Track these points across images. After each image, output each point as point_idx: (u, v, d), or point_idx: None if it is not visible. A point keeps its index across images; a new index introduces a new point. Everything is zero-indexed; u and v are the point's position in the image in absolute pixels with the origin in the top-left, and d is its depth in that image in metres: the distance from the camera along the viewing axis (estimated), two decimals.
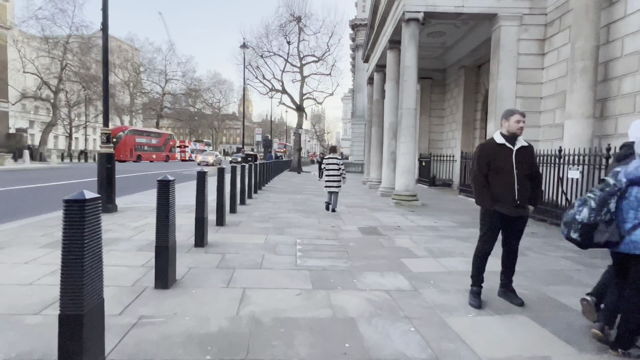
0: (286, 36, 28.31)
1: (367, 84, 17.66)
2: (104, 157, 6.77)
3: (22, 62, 34.83)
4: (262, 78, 30.64)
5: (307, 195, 11.72)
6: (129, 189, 11.41)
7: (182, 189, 11.67)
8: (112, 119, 63.13)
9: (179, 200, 9.05)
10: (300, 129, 28.53)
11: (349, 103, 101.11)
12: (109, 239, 4.97)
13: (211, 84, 67.27)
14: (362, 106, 34.62)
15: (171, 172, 21.80)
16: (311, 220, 7.10)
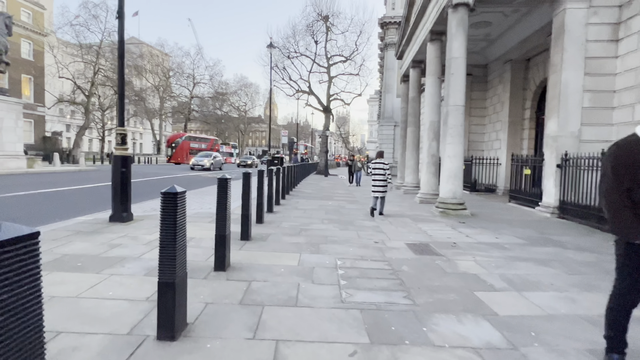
0: (313, 35, 27.53)
1: (401, 81, 16.53)
2: (119, 160, 6.08)
3: (58, 68, 35.80)
4: (288, 79, 30.02)
5: (338, 202, 10.76)
6: (155, 193, 10.85)
7: (205, 194, 10.98)
8: (143, 122, 64.77)
9: (201, 206, 8.32)
10: (327, 131, 27.63)
11: (375, 105, 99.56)
12: (116, 257, 4.19)
13: (238, 87, 67.80)
14: (390, 107, 33.38)
15: (195, 175, 21.40)
16: (349, 234, 6.13)
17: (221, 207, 3.91)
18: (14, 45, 35.78)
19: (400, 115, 31.95)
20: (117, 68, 6.15)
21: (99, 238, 5.02)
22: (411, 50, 13.87)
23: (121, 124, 6.19)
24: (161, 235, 2.40)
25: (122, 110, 6.18)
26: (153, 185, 14.00)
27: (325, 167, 26.55)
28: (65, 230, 5.36)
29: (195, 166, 29.80)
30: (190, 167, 30.11)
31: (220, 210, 3.92)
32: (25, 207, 7.94)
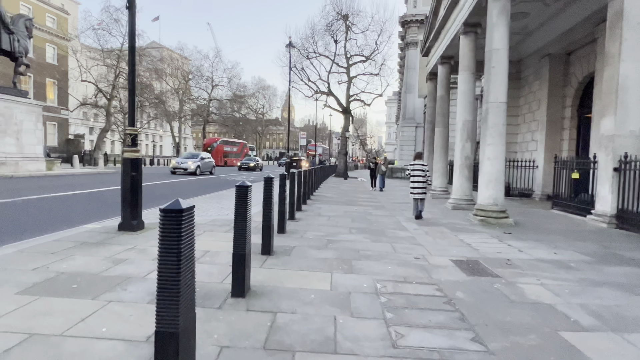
0: (333, 35, 26.91)
1: (427, 80, 15.66)
2: (128, 163, 5.54)
3: (81, 71, 36.35)
4: (307, 80, 29.52)
5: (364, 207, 10.03)
6: (172, 196, 10.39)
7: (222, 198, 10.43)
8: (163, 125, 65.58)
9: (217, 213, 7.73)
10: (347, 132, 26.92)
11: (393, 106, 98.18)
12: (118, 277, 3.60)
13: (255, 89, 67.99)
14: (412, 107, 32.38)
15: (214, 177, 21.03)
16: (383, 247, 5.39)
17: (240, 220, 3.26)
18: (39, 49, 36.61)
19: (423, 115, 31.01)
20: (128, 62, 5.62)
21: (104, 251, 4.46)
22: (440, 45, 13.02)
23: (132, 124, 5.65)
24: (159, 270, 1.75)
25: (133, 108, 5.65)
26: (171, 188, 13.61)
27: (344, 170, 25.81)
28: (69, 241, 4.83)
29: (177, 169, 22.47)
30: (171, 171, 23.32)
31: (239, 224, 3.27)
32: (36, 212, 7.54)
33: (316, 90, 30.08)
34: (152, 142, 70.86)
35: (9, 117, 14.31)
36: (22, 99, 15.13)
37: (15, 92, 14.93)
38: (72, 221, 6.55)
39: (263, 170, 38.28)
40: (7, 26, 14.26)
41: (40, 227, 6.01)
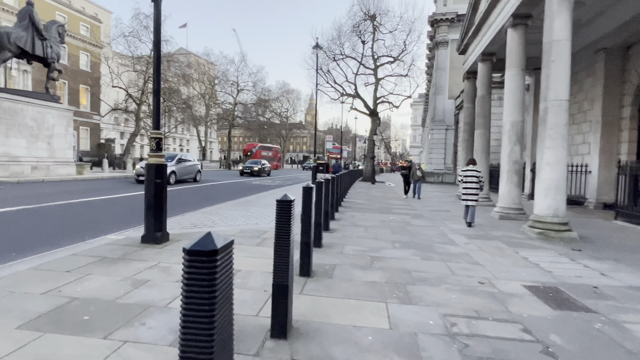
0: (360, 35, 26.24)
1: (464, 79, 14.72)
2: (153, 169, 5.07)
3: (112, 77, 37.26)
4: (333, 82, 28.94)
5: (400, 216, 9.27)
6: (198, 203, 10.00)
7: (249, 205, 9.92)
8: (190, 129, 66.78)
9: (246, 221, 7.17)
10: (374, 135, 26.12)
11: (419, 109, 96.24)
12: (137, 305, 3.07)
13: (280, 93, 68.16)
14: (441, 109, 31.20)
15: (241, 181, 20.71)
16: (437, 267, 4.67)
17: (282, 242, 2.65)
18: (73, 57, 37.85)
19: (453, 117, 29.83)
20: (153, 59, 5.17)
21: (124, 269, 3.96)
22: (481, 41, 12.11)
23: (157, 127, 5.19)
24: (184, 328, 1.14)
25: (158, 110, 5.18)
26: (197, 194, 13.28)
27: (372, 174, 25.01)
28: (87, 256, 4.38)
29: (139, 175, 15.75)
30: (136, 178, 16.58)
31: (281, 248, 2.66)
32: (61, 219, 7.24)
33: (342, 93, 29.42)
34: (179, 146, 72.30)
35: (41, 122, 14.47)
36: (54, 104, 15.30)
37: (47, 97, 15.12)
38: (95, 229, 6.18)
39: (279, 175, 37.51)
40: (41, 32, 14.45)
41: (62, 236, 5.64)
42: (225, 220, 7.35)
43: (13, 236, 5.60)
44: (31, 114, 14.02)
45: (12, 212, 7.63)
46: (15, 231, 5.93)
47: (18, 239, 5.42)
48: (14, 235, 5.63)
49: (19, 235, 5.68)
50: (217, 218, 7.59)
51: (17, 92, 14.52)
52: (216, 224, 6.90)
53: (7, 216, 7.16)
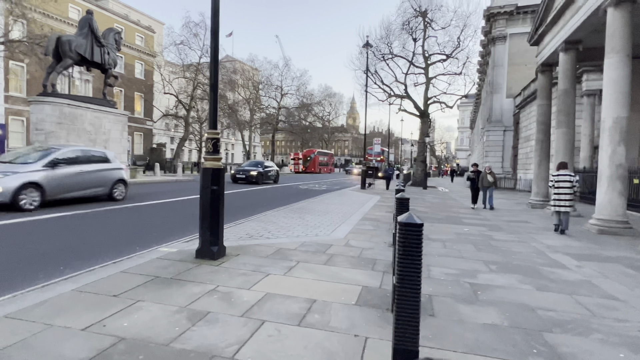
0: (412, 33, 24.98)
1: (539, 72, 13.10)
2: (209, 174, 4.44)
3: (163, 84, 38.73)
4: (381, 83, 27.86)
5: (477, 228, 8.09)
6: (251, 208, 9.45)
7: (304, 212, 9.17)
8: (235, 133, 68.35)
9: (304, 231, 6.28)
10: (427, 137, 24.68)
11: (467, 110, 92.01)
12: (195, 353, 2.34)
13: (322, 97, 68.06)
14: (499, 109, 28.98)
15: (287, 186, 20.19)
16: (564, 301, 3.58)
17: (408, 290, 1.78)
18: (129, 66, 39.79)
19: (512, 117, 27.56)
20: (210, 48, 4.56)
21: (178, 295, 3.30)
22: (563, 28, 10.58)
23: (213, 125, 4.55)
24: None
25: (215, 107, 4.55)
26: (247, 198, 12.82)
27: (423, 178, 23.56)
28: (138, 274, 3.79)
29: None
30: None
31: (407, 300, 1.78)
32: (112, 225, 6.91)
33: (390, 94, 28.26)
34: (224, 150, 74.25)
35: (98, 126, 14.82)
36: (110, 109, 15.65)
37: (104, 103, 15.50)
38: (146, 239, 5.70)
39: (324, 178, 36.54)
40: (99, 40, 14.84)
41: (113, 245, 5.19)
42: (283, 230, 6.63)
43: (66, 244, 5.22)
44: (89, 119, 14.38)
45: (68, 216, 7.44)
46: (69, 238, 5.58)
47: (69, 248, 5.02)
48: (66, 244, 5.26)
49: (71, 243, 5.30)
50: (273, 227, 6.90)
51: (77, 98, 14.98)
52: (274, 235, 6.20)
53: (64, 221, 6.94)
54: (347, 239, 6.16)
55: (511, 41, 28.53)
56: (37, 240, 5.40)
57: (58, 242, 5.39)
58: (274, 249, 5.16)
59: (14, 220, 6.70)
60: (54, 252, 4.77)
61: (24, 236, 5.65)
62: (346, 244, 5.78)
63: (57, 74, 13.66)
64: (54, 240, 5.50)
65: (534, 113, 21.71)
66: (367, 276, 4.13)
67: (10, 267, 4.10)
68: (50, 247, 5.02)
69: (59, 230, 6.24)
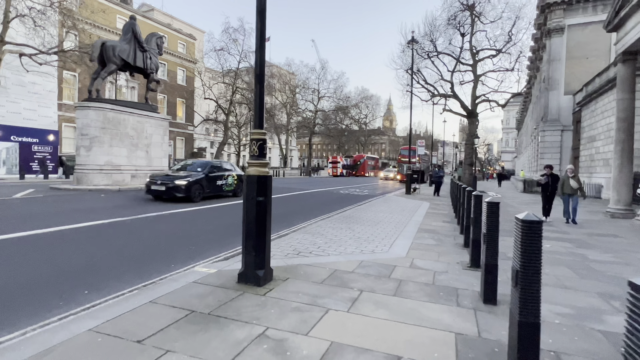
0: (459, 27, 23.46)
1: (619, 62, 11.38)
2: (254, 182, 3.68)
3: (204, 90, 39.47)
4: (424, 82, 26.46)
5: (558, 243, 6.82)
6: (295, 215, 8.73)
7: (351, 221, 8.28)
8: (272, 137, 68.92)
9: (358, 247, 5.31)
10: (476, 139, 22.99)
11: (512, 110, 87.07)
12: None
13: (359, 99, 67.10)
14: (555, 107, 26.59)
15: (328, 191, 19.39)
16: None
17: None
18: (172, 73, 40.90)
19: (571, 116, 25.14)
20: (256, 39, 3.82)
21: (217, 343, 2.54)
22: None
23: (259, 125, 3.80)
24: None
25: (262, 102, 3.81)
26: (287, 204, 12.11)
27: (472, 183, 21.90)
28: (169, 306, 3.09)
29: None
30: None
31: None
32: (149, 235, 6.40)
33: (434, 93, 26.78)
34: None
35: (140, 131, 14.85)
36: (152, 113, 15.68)
37: (146, 107, 15.56)
38: (185, 252, 5.07)
39: (364, 182, 35.34)
40: (142, 44, 14.89)
41: (146, 261, 4.60)
42: (333, 245, 5.80)
43: (95, 259, 4.70)
44: (132, 124, 14.42)
45: (104, 225, 7.05)
46: (100, 251, 5.07)
47: (97, 264, 4.47)
48: (96, 258, 4.74)
49: (101, 257, 4.77)
50: (322, 241, 6.08)
51: (120, 103, 15.11)
52: (324, 251, 5.37)
53: (99, 230, 6.52)
54: (411, 258, 5.21)
55: (570, 33, 26.16)
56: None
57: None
58: (328, 271, 4.33)
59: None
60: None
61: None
62: (412, 265, 4.83)
63: (101, 79, 13.77)
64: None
65: (601, 110, 19.52)
66: (455, 316, 3.18)
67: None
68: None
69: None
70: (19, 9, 18.10)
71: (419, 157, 34.07)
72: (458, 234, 7.43)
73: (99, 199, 10.97)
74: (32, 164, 23.92)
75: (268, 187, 3.75)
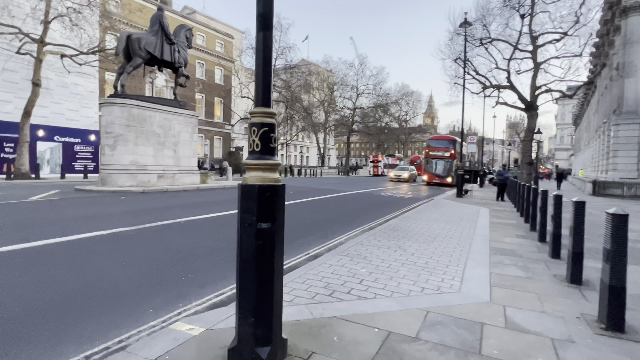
0: (518, 8, 20.76)
1: None
2: (253, 197, 2.16)
3: (240, 88, 39.01)
4: (474, 73, 23.91)
5: None
6: (330, 224, 7.20)
7: (400, 236, 6.55)
8: (309, 136, 67.95)
9: (416, 280, 3.57)
10: (537, 134, 20.24)
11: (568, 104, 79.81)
12: None
13: (399, 96, 64.32)
14: (633, 97, 22.99)
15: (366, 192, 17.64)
16: None
17: None
18: (209, 72, 40.80)
19: None
20: None
21: None
22: None
23: (265, 101, 2.27)
24: None
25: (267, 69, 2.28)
26: (320, 209, 10.57)
27: (535, 184, 19.19)
28: None
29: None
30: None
31: None
32: (145, 254, 5.12)
33: (485, 85, 24.14)
34: (299, 153, 74.37)
35: (167, 129, 14.01)
36: (180, 109, 14.81)
37: (174, 104, 14.72)
38: (172, 286, 3.67)
39: (413, 183, 33.02)
40: (169, 37, 14.03)
41: (114, 302, 3.24)
42: (381, 277, 4.18)
43: (68, 288, 3.42)
44: (158, 121, 13.60)
45: (98, 238, 5.87)
46: (67, 281, 3.78)
47: (66, 298, 3.17)
48: (70, 287, 3.46)
49: (57, 293, 3.48)
50: (365, 269, 4.46)
51: (146, 99, 14.32)
52: (369, 288, 3.77)
53: (86, 246, 5.32)
54: (500, 305, 3.47)
55: None
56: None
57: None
58: (377, 336, 2.73)
59: None
60: None
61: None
62: (507, 322, 3.10)
63: (127, 74, 13.02)
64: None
65: None
66: None
67: None
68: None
69: None
70: (59, 9, 18.04)
71: (454, 151, 26.73)
72: (548, 257, 5.53)
73: (115, 203, 10.05)
74: (74, 163, 24.31)
75: (278, 205, 2.21)
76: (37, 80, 18.31)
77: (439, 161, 27.64)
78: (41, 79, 18.53)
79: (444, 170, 27.19)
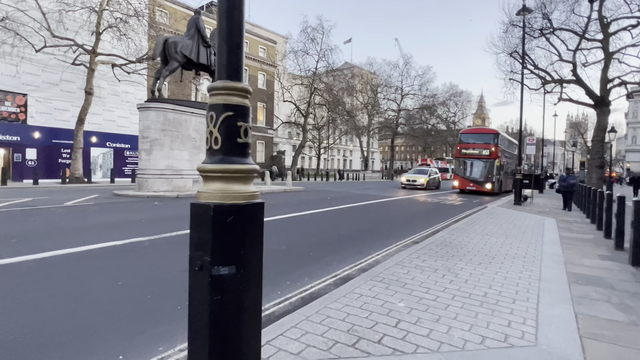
0: None
1: None
2: (207, 223, 1.32)
3: (282, 92, 39.00)
4: (533, 67, 21.69)
5: None
6: (367, 237, 6.28)
7: (450, 255, 5.42)
8: (352, 139, 66.89)
9: (473, 323, 2.63)
10: (612, 133, 17.74)
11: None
12: None
13: (446, 96, 61.21)
14: None
15: (408, 198, 16.33)
16: None
17: None
18: (252, 78, 41.27)
19: None
20: None
21: None
22: None
23: (232, 72, 1.46)
24: None
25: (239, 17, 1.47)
26: (360, 217, 9.59)
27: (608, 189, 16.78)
28: None
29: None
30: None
31: None
32: (142, 276, 4.52)
33: (545, 79, 21.80)
34: (342, 157, 73.52)
35: (203, 133, 13.79)
36: None
37: None
38: (168, 317, 2.94)
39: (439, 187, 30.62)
40: (205, 40, 13.86)
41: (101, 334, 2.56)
42: (424, 317, 3.18)
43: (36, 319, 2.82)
44: (194, 125, 13.43)
45: (115, 247, 5.39)
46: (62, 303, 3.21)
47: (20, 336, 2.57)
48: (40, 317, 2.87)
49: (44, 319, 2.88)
50: (403, 304, 3.48)
51: (182, 103, 14.23)
52: (407, 335, 2.81)
53: (101, 258, 4.82)
54: None
55: None
56: None
57: None
58: None
59: None
60: None
61: None
62: None
63: (163, 78, 12.96)
64: None
65: None
66: None
67: None
68: None
69: None
70: (109, 21, 18.79)
71: (496, 149, 21.07)
72: None
73: (146, 209, 9.81)
74: (124, 168, 25.35)
75: (250, 237, 1.37)
76: (90, 89, 19.14)
77: (475, 161, 21.36)
78: (94, 88, 19.36)
79: (482, 173, 20.95)
